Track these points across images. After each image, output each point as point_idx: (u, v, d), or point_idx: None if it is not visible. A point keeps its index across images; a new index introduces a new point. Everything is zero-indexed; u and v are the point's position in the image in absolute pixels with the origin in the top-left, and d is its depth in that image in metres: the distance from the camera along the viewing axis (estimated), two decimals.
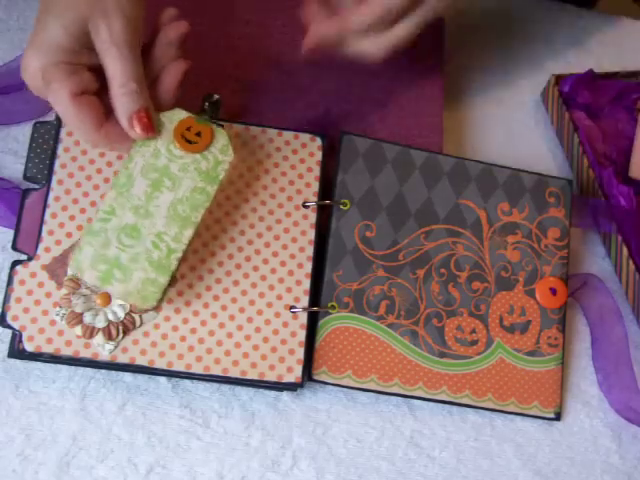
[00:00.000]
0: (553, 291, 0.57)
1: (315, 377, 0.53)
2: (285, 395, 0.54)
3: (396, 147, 0.57)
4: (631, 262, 0.59)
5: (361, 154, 0.56)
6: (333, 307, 0.54)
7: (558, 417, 0.56)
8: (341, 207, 0.55)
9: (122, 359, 0.50)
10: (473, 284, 0.56)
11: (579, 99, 0.66)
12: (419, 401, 0.55)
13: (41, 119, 0.57)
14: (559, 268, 0.58)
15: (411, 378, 0.54)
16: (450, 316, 0.55)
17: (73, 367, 0.52)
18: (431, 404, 0.55)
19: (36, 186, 0.53)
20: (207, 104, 0.54)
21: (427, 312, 0.55)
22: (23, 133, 0.58)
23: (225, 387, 0.54)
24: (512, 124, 0.67)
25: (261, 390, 0.54)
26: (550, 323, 0.57)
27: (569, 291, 0.58)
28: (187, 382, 0.53)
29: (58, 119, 0.53)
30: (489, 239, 0.57)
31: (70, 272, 0.49)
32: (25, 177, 0.54)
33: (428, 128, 0.61)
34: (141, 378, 0.53)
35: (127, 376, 0.53)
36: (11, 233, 0.52)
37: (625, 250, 0.59)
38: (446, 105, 0.63)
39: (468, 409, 0.56)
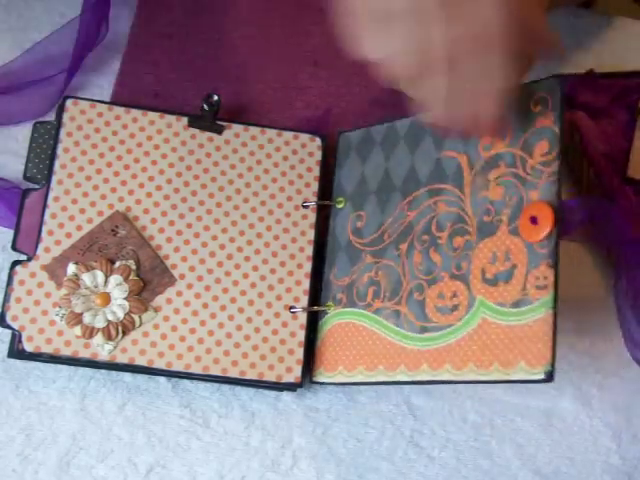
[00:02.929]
0: (533, 220, 0.47)
1: (314, 379, 0.53)
2: (285, 395, 0.54)
3: (384, 126, 0.55)
4: None
5: (354, 146, 0.56)
6: (331, 306, 0.54)
7: (550, 378, 0.43)
8: (338, 206, 0.55)
9: (121, 359, 0.50)
10: (454, 241, 0.51)
11: (579, 99, 0.65)
12: (419, 401, 0.55)
13: (41, 119, 0.57)
14: (548, 188, 0.47)
15: (393, 362, 0.50)
16: (431, 284, 0.51)
17: (73, 367, 0.52)
18: (431, 403, 0.55)
19: (36, 186, 0.53)
20: (207, 104, 0.54)
21: (409, 287, 0.52)
22: (23, 133, 0.58)
23: (225, 387, 0.54)
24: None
25: (261, 390, 0.54)
26: (537, 260, 0.46)
27: (557, 216, 0.46)
28: (187, 382, 0.53)
29: (58, 119, 0.53)
30: (471, 184, 0.52)
31: None
32: (25, 177, 0.54)
33: None
34: (141, 378, 0.53)
35: (127, 376, 0.53)
36: (11, 233, 0.52)
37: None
38: None
39: (468, 409, 0.55)
